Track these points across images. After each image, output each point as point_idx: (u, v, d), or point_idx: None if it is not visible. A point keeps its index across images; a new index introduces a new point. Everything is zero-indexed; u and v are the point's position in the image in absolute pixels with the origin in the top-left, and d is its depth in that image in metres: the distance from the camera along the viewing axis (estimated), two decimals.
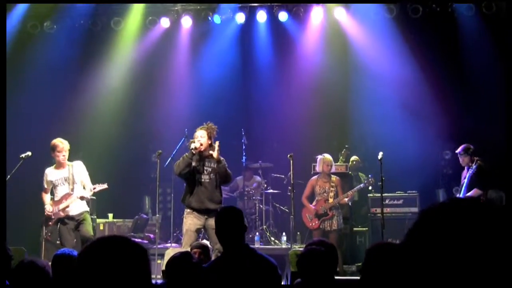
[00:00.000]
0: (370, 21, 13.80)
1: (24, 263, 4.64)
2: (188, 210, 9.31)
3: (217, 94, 14.09)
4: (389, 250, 3.35)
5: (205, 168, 9.31)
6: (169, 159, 11.28)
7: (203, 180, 9.27)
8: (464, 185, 10.38)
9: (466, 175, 10.45)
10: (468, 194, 10.18)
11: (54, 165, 9.90)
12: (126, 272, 1.99)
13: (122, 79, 14.61)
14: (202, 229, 9.40)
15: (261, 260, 5.08)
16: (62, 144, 9.69)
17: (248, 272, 4.96)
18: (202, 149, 9.22)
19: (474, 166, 10.24)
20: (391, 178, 11.13)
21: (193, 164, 9.25)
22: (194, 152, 9.16)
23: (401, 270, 1.60)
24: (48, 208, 9.79)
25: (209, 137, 9.31)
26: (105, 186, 10.06)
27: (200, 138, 9.23)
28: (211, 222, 9.16)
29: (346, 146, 13.39)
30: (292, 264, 8.39)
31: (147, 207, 14.60)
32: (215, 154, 9.21)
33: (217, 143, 9.32)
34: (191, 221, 9.21)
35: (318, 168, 11.49)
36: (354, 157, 13.33)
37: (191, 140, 9.48)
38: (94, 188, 9.92)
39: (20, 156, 10.26)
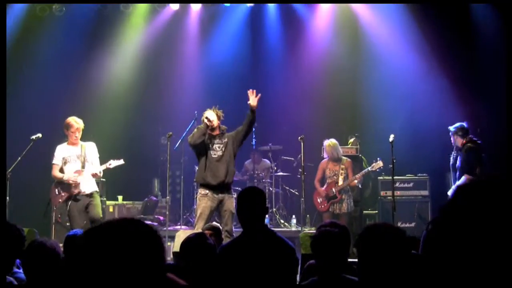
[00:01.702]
0: (382, 7, 13.74)
1: (34, 243, 4.64)
2: (203, 191, 9.30)
3: (226, 77, 14.08)
4: (385, 231, 3.34)
5: (216, 144, 9.38)
6: (179, 141, 11.28)
7: (216, 155, 9.32)
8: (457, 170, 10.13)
9: (455, 156, 10.24)
10: (459, 182, 9.80)
11: (66, 142, 9.88)
12: (138, 256, 1.94)
13: (131, 61, 14.60)
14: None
15: (280, 243, 5.07)
16: (77, 124, 9.68)
17: (267, 254, 4.95)
18: (214, 125, 9.27)
19: (465, 154, 9.93)
20: (401, 160, 11.08)
21: (206, 141, 9.31)
22: (208, 124, 9.21)
23: (436, 246, 1.57)
24: (71, 175, 9.69)
25: (218, 118, 9.38)
26: (121, 161, 10.03)
27: (211, 116, 9.31)
28: (225, 202, 9.20)
29: (356, 134, 13.28)
30: (303, 246, 8.35)
31: (156, 189, 14.64)
32: (254, 102, 9.52)
33: (254, 92, 9.61)
34: (205, 203, 9.21)
35: (326, 154, 11.49)
36: (351, 139, 13.23)
37: (199, 126, 9.48)
38: (109, 164, 9.91)
39: (31, 138, 10.26)
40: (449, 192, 10.11)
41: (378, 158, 11.46)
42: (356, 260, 3.53)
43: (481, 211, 1.51)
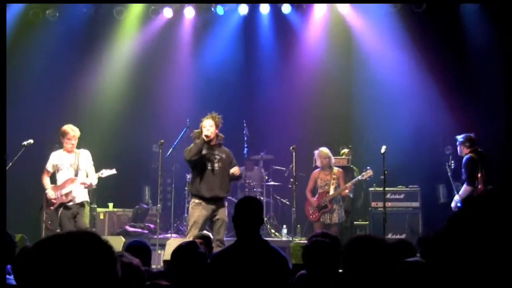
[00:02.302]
0: (373, 14, 13.80)
1: (26, 249, 4.61)
2: (196, 200, 9.28)
3: (219, 85, 14.09)
4: (370, 243, 3.34)
5: (214, 156, 9.34)
6: (171, 149, 11.27)
7: (213, 168, 9.30)
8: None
9: (454, 166, 10.35)
10: (461, 192, 9.80)
11: (61, 149, 9.87)
12: (86, 270, 1.91)
13: (123, 68, 14.58)
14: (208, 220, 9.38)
15: (273, 253, 5.07)
16: (73, 132, 9.69)
17: (259, 263, 4.94)
18: (211, 138, 9.25)
19: (463, 165, 9.80)
20: (392, 172, 11.10)
21: (204, 152, 9.27)
22: (206, 139, 9.17)
23: (443, 257, 1.58)
24: (51, 193, 9.70)
25: (216, 126, 9.35)
26: (113, 171, 9.99)
27: (209, 127, 9.25)
28: (218, 211, 9.19)
29: (350, 146, 13.35)
30: (294, 256, 8.35)
31: (147, 197, 14.58)
32: (237, 172, 9.47)
33: (235, 169, 9.50)
34: (199, 212, 9.20)
35: (317, 163, 11.52)
36: (344, 150, 13.27)
37: (196, 130, 9.46)
38: (101, 173, 9.88)
39: (22, 144, 10.22)
40: (452, 204, 10.06)
41: (368, 167, 11.46)
42: None
43: (489, 223, 1.52)
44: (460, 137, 10.18)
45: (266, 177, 13.59)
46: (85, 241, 1.97)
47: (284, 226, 12.69)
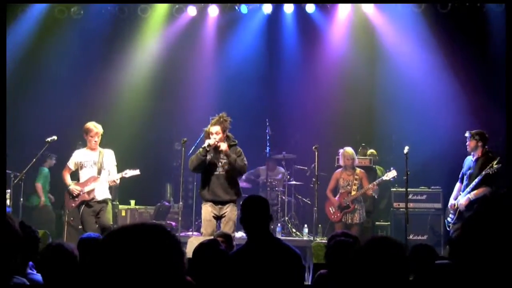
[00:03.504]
0: (397, 14, 13.74)
1: (51, 245, 4.64)
2: (204, 200, 9.32)
3: (242, 84, 14.07)
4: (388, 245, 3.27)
5: (220, 160, 9.24)
6: (193, 147, 11.28)
7: (217, 172, 9.21)
8: (475, 179, 9.69)
9: (471, 165, 9.86)
10: (477, 191, 9.56)
11: (85, 148, 9.91)
12: (157, 261, 1.94)
13: (147, 66, 14.64)
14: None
15: (285, 250, 5.06)
16: (96, 129, 9.68)
17: (272, 261, 4.94)
18: (218, 145, 9.12)
19: (496, 166, 9.50)
20: (414, 172, 11.03)
21: (208, 158, 9.21)
22: (208, 149, 9.11)
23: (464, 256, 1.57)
24: (75, 188, 9.73)
25: (223, 131, 9.18)
26: (137, 172, 10.00)
27: (215, 135, 9.11)
28: (226, 210, 9.15)
29: (363, 144, 13.35)
30: (315, 255, 8.35)
31: (168, 194, 14.63)
32: (223, 146, 9.12)
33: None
34: (206, 210, 9.22)
35: (341, 162, 11.52)
36: (370, 151, 13.25)
37: (206, 129, 9.37)
38: (125, 173, 9.90)
39: (46, 140, 10.28)
40: (457, 201, 9.90)
41: (392, 168, 11.42)
42: None
43: (504, 221, 1.51)
44: (471, 132, 9.93)
45: (288, 177, 13.57)
46: (157, 232, 2.01)
47: (306, 225, 12.66)
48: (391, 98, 13.57)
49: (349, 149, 11.48)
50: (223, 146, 9.09)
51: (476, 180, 9.67)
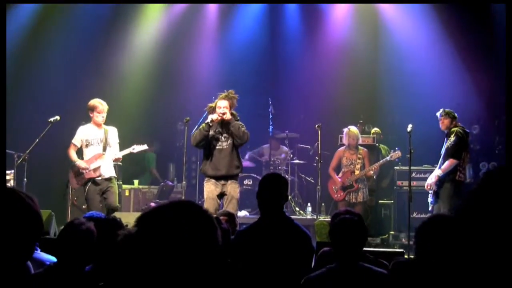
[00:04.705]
0: None
1: (74, 223, 4.48)
2: (206, 178, 9.33)
3: (245, 64, 14.06)
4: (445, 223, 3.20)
5: (223, 135, 9.29)
6: (196, 127, 11.26)
7: (220, 147, 9.26)
8: (442, 156, 9.77)
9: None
10: (443, 166, 9.60)
11: (90, 124, 9.84)
12: (197, 239, 1.97)
13: (149, 48, 14.62)
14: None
15: (297, 230, 5.07)
16: (101, 106, 9.65)
17: (283, 240, 4.96)
18: (225, 119, 9.18)
19: (453, 137, 9.55)
20: (418, 151, 11.01)
21: (211, 132, 9.25)
22: (211, 124, 9.14)
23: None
24: (82, 164, 9.66)
25: (231, 107, 9.25)
26: (145, 146, 10.05)
27: (224, 108, 9.17)
28: (227, 187, 9.16)
29: (361, 121, 13.31)
30: (318, 234, 8.37)
31: (172, 174, 14.66)
32: (227, 116, 9.16)
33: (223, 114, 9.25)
34: (208, 188, 9.24)
35: (344, 141, 11.51)
36: (374, 129, 13.22)
37: (210, 104, 9.40)
38: (133, 149, 9.91)
39: (48, 120, 10.24)
40: (431, 180, 9.84)
41: (397, 148, 11.43)
42: (370, 249, 3.48)
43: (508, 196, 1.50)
44: (441, 111, 9.96)
45: (291, 155, 13.56)
46: (193, 209, 2.05)
47: (309, 204, 12.67)
48: (394, 76, 13.57)
49: (354, 129, 11.47)
50: (227, 115, 9.12)
51: (441, 156, 9.73)
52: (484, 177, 1.63)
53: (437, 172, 9.65)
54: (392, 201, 12.38)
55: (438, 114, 9.99)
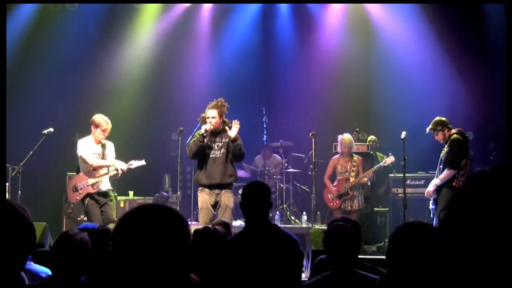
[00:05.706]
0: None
1: (65, 235, 4.47)
2: (200, 187, 9.37)
3: (238, 73, 14.07)
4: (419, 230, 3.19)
5: (216, 143, 9.35)
6: (190, 136, 11.25)
7: (214, 155, 9.32)
8: (440, 162, 9.67)
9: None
10: (441, 175, 9.48)
11: (89, 137, 9.74)
12: (168, 242, 1.96)
13: (142, 56, 14.62)
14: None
15: (283, 236, 5.06)
16: (106, 125, 9.54)
17: (270, 247, 4.94)
18: (213, 129, 9.27)
19: (450, 146, 9.46)
20: (412, 158, 11.03)
21: (204, 141, 9.28)
22: (205, 134, 9.20)
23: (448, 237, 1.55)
24: (122, 165, 9.74)
25: (220, 115, 9.32)
26: (142, 162, 10.00)
27: (212, 119, 9.26)
28: (221, 196, 9.17)
29: (357, 129, 13.35)
30: (314, 242, 8.34)
31: (167, 185, 14.63)
32: (232, 133, 9.25)
33: (236, 122, 9.33)
34: (203, 198, 9.30)
35: (338, 149, 11.51)
36: (371, 137, 13.23)
37: (202, 114, 9.46)
38: (130, 164, 9.87)
39: (42, 132, 10.24)
40: (430, 188, 9.81)
41: (390, 153, 11.44)
42: (366, 256, 3.48)
43: (493, 201, 1.50)
44: (430, 126, 9.81)
45: (286, 164, 13.57)
46: (166, 213, 2.05)
47: (304, 213, 12.67)
48: (388, 83, 13.59)
49: (347, 136, 11.46)
50: (233, 132, 9.22)
51: (440, 162, 9.69)
52: (466, 181, 1.62)
53: (435, 181, 9.63)
54: (388, 209, 12.40)
55: (427, 131, 9.89)
